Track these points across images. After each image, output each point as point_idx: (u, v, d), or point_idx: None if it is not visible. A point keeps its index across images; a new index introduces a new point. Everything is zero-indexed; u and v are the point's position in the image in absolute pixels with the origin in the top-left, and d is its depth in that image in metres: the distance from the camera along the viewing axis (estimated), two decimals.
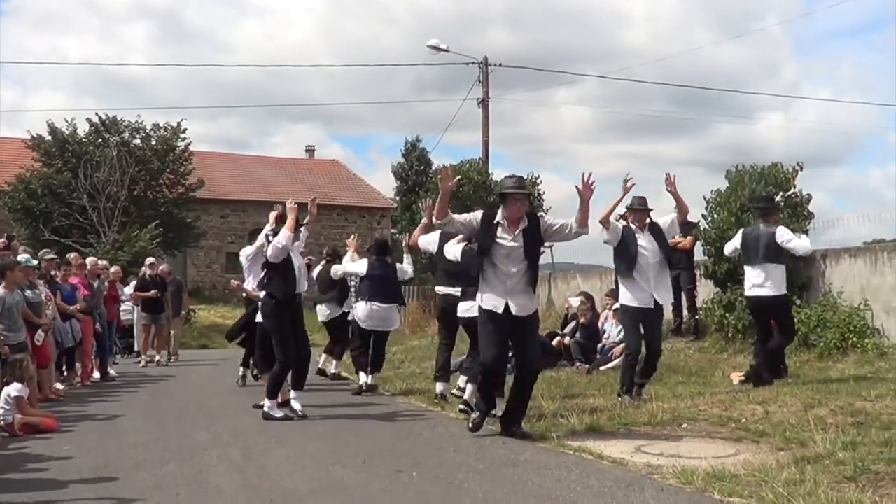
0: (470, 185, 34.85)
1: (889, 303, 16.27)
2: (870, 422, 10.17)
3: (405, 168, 70.71)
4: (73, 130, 47.12)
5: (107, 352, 21.01)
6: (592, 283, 23.91)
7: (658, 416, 11.45)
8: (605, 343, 17.44)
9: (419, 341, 25.39)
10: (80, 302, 18.35)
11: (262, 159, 68.53)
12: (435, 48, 40.49)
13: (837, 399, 11.60)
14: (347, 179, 66.79)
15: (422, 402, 14.65)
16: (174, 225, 47.46)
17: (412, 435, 11.44)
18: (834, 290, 17.13)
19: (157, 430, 12.42)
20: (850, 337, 16.03)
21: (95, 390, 18.14)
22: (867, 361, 15.19)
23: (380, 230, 63.18)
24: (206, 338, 40.92)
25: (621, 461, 9.02)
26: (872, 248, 17.29)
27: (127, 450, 10.71)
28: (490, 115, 41.24)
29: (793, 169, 18.19)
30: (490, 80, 41.19)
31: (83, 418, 13.81)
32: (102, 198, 41.89)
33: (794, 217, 17.52)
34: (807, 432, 9.63)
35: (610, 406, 12.48)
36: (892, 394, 11.68)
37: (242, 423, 12.74)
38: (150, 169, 47.40)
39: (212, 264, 58.10)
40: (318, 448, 10.59)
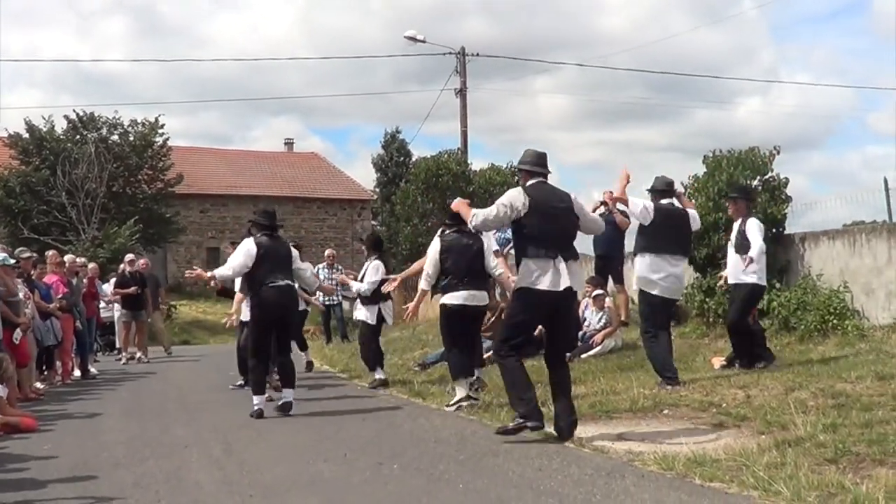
0: (449, 175, 34.84)
1: (868, 284, 16.31)
2: (850, 403, 10.18)
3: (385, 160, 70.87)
4: (51, 128, 47.08)
5: (87, 349, 20.97)
6: None
7: (639, 402, 11.45)
8: (586, 331, 17.39)
9: (400, 333, 25.30)
10: (58, 300, 18.27)
11: (242, 153, 68.49)
12: (412, 39, 40.50)
13: (818, 381, 11.62)
14: (327, 172, 66.78)
15: (403, 395, 14.63)
16: (154, 221, 47.43)
17: (393, 427, 11.41)
18: (813, 272, 17.16)
19: (137, 427, 12.38)
20: (830, 319, 16.06)
21: (76, 388, 18.10)
22: (848, 343, 15.21)
23: (360, 222, 63.18)
24: (187, 333, 40.90)
25: (602, 448, 9.00)
26: (851, 231, 17.32)
27: (107, 448, 10.67)
28: (468, 104, 41.25)
29: (770, 153, 18.18)
30: (467, 69, 41.18)
31: (63, 417, 13.77)
32: (81, 195, 41.84)
33: (772, 201, 17.53)
34: (787, 415, 9.64)
35: (591, 393, 12.47)
36: (873, 375, 11.69)
37: (223, 419, 12.72)
38: (128, 165, 47.37)
39: (192, 260, 57.85)
40: (299, 442, 10.56)
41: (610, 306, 17.68)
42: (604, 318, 17.33)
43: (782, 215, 17.81)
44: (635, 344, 17.32)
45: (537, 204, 9.82)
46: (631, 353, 16.61)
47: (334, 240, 58.99)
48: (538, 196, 9.91)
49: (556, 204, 10.04)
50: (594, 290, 17.73)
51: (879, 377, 11.59)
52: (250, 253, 12.80)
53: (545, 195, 10.04)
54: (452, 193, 31.15)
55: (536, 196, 9.90)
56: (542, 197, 9.94)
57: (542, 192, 10.09)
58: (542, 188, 10.12)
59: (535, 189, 10.02)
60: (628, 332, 18.29)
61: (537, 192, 9.99)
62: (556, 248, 9.82)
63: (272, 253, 12.99)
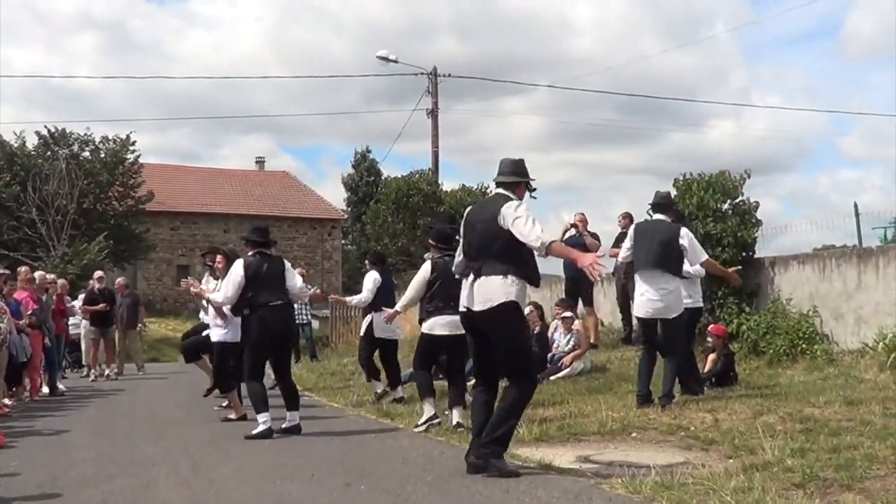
0: (419, 195, 34.86)
1: (838, 309, 16.39)
2: (818, 428, 10.23)
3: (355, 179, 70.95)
4: (22, 143, 46.97)
5: (55, 366, 20.87)
6: (543, 293, 23.88)
7: (608, 424, 11.46)
8: (555, 353, 17.41)
9: None
10: (28, 316, 18.20)
11: (213, 171, 68.49)
12: (384, 59, 40.52)
13: (786, 406, 11.69)
14: (298, 191, 66.83)
15: (371, 415, 14.62)
16: (124, 238, 47.39)
17: (361, 447, 11.40)
18: (783, 296, 17.24)
19: (105, 444, 12.34)
20: (799, 343, 16.13)
21: (44, 405, 18.01)
22: (816, 368, 15.30)
23: (331, 241, 63.24)
24: (156, 351, 40.87)
25: (570, 471, 9.00)
26: (820, 255, 17.41)
27: (75, 465, 10.62)
28: (439, 125, 41.23)
29: (741, 176, 18.26)
30: (439, 90, 41.21)
31: (31, 434, 13.69)
32: (52, 211, 41.79)
33: (742, 224, 17.60)
34: (756, 439, 9.67)
35: (560, 416, 12.47)
36: (841, 400, 11.76)
37: (191, 437, 12.69)
38: (99, 182, 47.34)
39: (162, 277, 57.95)
40: (267, 461, 10.53)
41: (579, 329, 17.69)
42: (572, 340, 17.35)
43: (752, 239, 17.90)
44: (604, 366, 17.41)
45: (465, 220, 9.66)
46: (600, 375, 16.66)
47: (304, 258, 59.01)
48: (470, 211, 9.77)
49: (476, 216, 9.58)
50: (563, 312, 17.76)
51: (848, 402, 11.66)
52: (238, 281, 12.74)
53: (473, 209, 9.84)
54: (423, 213, 31.25)
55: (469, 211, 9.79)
56: (470, 212, 9.75)
57: (475, 206, 10.08)
58: (479, 202, 10.12)
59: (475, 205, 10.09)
60: (597, 354, 18.35)
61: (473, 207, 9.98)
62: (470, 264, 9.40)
63: (262, 273, 12.84)
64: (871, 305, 15.94)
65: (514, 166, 9.77)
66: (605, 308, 21.63)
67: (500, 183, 9.66)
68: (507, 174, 9.69)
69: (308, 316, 26.32)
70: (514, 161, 9.83)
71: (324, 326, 38.12)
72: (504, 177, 9.67)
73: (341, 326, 35.43)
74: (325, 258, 63.29)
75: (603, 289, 21.73)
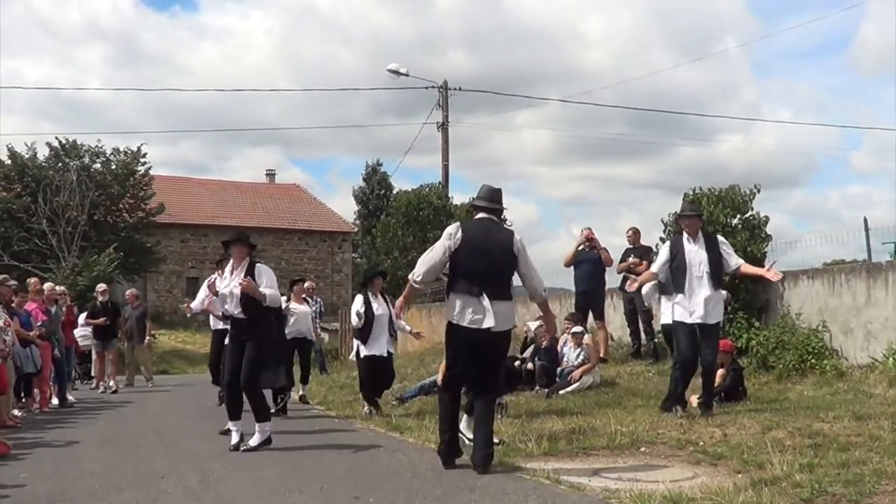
0: (430, 209, 34.87)
1: (847, 324, 16.37)
2: (827, 443, 10.20)
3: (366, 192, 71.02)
4: (33, 155, 47.03)
5: (65, 378, 20.90)
6: (553, 307, 23.75)
7: (616, 439, 11.43)
8: (565, 367, 17.40)
9: None
10: (38, 327, 18.22)
11: (224, 184, 68.43)
12: (395, 72, 40.49)
13: (795, 421, 11.64)
14: (308, 204, 66.76)
15: (380, 428, 14.59)
16: (134, 250, 47.37)
17: (370, 461, 11.37)
18: (792, 311, 17.23)
19: (114, 457, 12.33)
20: (808, 358, 16.13)
21: (54, 417, 18.02)
22: (826, 383, 15.27)
23: (341, 254, 63.21)
24: (166, 363, 40.89)
25: (579, 486, 8.98)
26: (830, 270, 17.39)
27: (83, 477, 10.62)
28: (450, 138, 41.16)
29: (750, 191, 18.25)
30: (450, 103, 41.15)
31: (41, 445, 13.70)
32: (62, 222, 41.79)
33: (751, 239, 17.59)
34: (764, 454, 9.65)
35: (569, 429, 12.45)
36: (850, 415, 11.74)
37: (200, 450, 12.67)
38: (109, 193, 47.34)
39: (172, 289, 57.95)
40: (276, 474, 10.53)
41: (588, 343, 17.68)
42: (582, 355, 17.34)
43: (762, 254, 17.88)
44: (613, 381, 17.38)
45: (468, 239, 9.89)
46: (609, 389, 16.64)
47: (314, 271, 59.02)
48: (471, 231, 10.00)
49: (489, 241, 10.03)
50: (573, 327, 17.76)
51: (857, 417, 11.63)
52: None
53: (480, 231, 10.10)
54: (433, 227, 31.24)
55: (469, 231, 9.99)
56: (474, 233, 10.01)
57: (479, 228, 10.18)
58: (481, 224, 10.23)
59: (472, 224, 10.16)
60: (606, 368, 18.33)
61: (473, 227, 10.10)
62: (481, 285, 9.86)
63: None
64: (880, 321, 15.92)
65: (499, 195, 10.41)
66: (615, 322, 21.60)
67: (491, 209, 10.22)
68: (498, 202, 10.35)
69: (318, 329, 26.27)
70: (498, 189, 10.44)
71: (333, 339, 38.10)
72: (496, 204, 10.29)
73: (351, 339, 35.35)
74: (335, 271, 63.25)
75: (612, 303, 21.72)
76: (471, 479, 9.41)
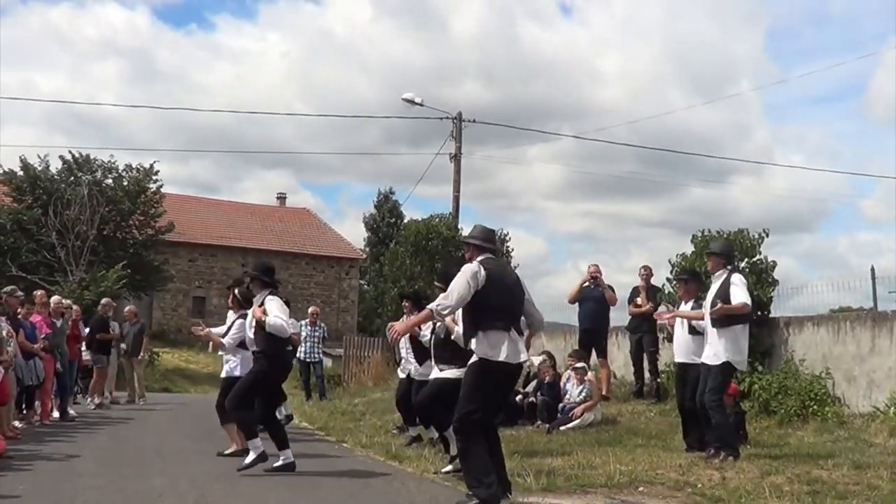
0: (439, 239, 34.88)
1: (850, 371, 16.35)
2: (825, 491, 10.22)
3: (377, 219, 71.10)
4: (46, 167, 47.15)
5: (67, 391, 20.90)
6: (557, 342, 23.89)
7: (615, 477, 11.43)
8: (567, 403, 17.40)
9: (381, 394, 25.33)
10: (42, 340, 18.24)
11: (235, 205, 68.56)
12: (410, 101, 40.50)
13: (795, 467, 11.66)
14: (317, 229, 66.87)
15: (380, 456, 14.60)
16: (142, 267, 47.40)
17: (368, 489, 11.40)
18: (796, 357, 17.19)
19: (112, 473, 12.34)
20: (810, 405, 16.09)
21: (54, 430, 18.03)
22: (827, 430, 15.22)
23: (348, 280, 63.24)
24: (168, 381, 40.89)
25: None
26: (835, 317, 17.39)
27: (81, 492, 10.64)
28: (462, 169, 41.19)
29: (759, 235, 18.26)
30: (463, 134, 41.14)
31: (40, 458, 13.69)
32: (71, 236, 41.83)
33: (758, 283, 17.58)
34: (762, 499, 9.68)
35: (568, 466, 12.45)
36: (850, 463, 11.75)
37: (199, 469, 12.68)
38: (120, 209, 47.42)
39: (178, 308, 58.01)
40: (273, 498, 10.54)
41: (591, 379, 17.68)
42: (584, 392, 17.33)
43: (768, 298, 17.88)
44: (615, 419, 17.36)
45: (493, 277, 9.95)
46: (610, 427, 16.63)
47: (321, 296, 59.11)
48: (493, 270, 10.07)
49: (509, 278, 10.27)
50: (576, 363, 17.76)
51: (856, 466, 11.65)
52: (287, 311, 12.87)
53: (499, 269, 10.27)
54: (441, 257, 31.24)
55: (492, 269, 10.04)
56: (496, 271, 10.11)
57: (497, 266, 10.30)
58: (496, 263, 10.36)
59: (488, 263, 10.15)
60: (608, 406, 18.31)
61: (491, 265, 10.13)
62: (511, 321, 9.97)
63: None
64: (883, 370, 15.89)
65: (494, 235, 10.87)
66: (619, 360, 21.59)
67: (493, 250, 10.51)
68: (495, 243, 10.78)
69: (319, 354, 26.28)
70: (493, 230, 10.81)
71: (336, 365, 38.12)
72: (493, 245, 10.59)
73: (354, 366, 35.44)
74: (342, 297, 63.29)
75: (616, 341, 21.72)
76: None
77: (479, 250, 10.30)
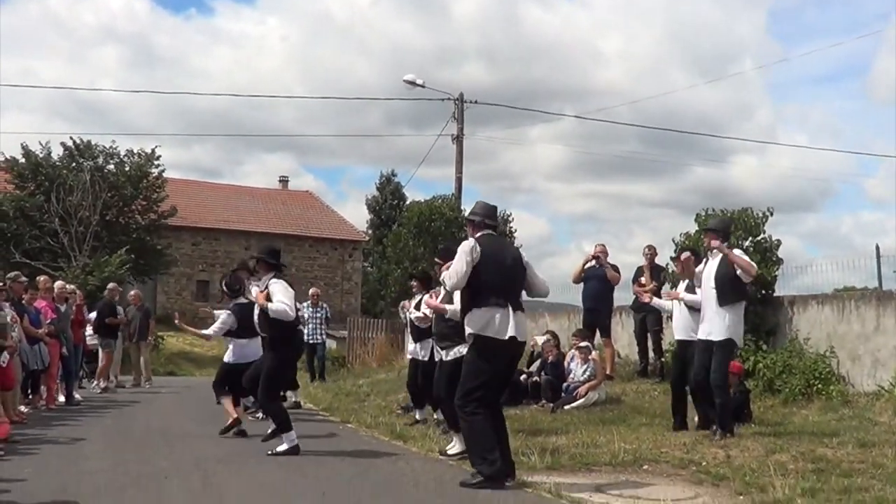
0: (441, 220, 34.86)
1: (855, 350, 16.34)
2: (830, 469, 10.21)
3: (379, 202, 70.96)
4: (48, 154, 47.06)
5: (72, 376, 20.90)
6: (561, 322, 23.91)
7: (620, 456, 11.44)
8: (571, 382, 17.39)
9: (385, 374, 25.35)
10: (47, 325, 18.25)
11: (236, 189, 68.44)
12: (411, 83, 40.43)
13: (799, 445, 11.64)
14: (320, 211, 66.73)
15: (384, 437, 14.62)
16: (145, 251, 47.32)
17: (373, 469, 11.40)
18: (801, 336, 17.17)
19: (118, 455, 12.36)
20: (815, 383, 16.07)
21: (59, 414, 18.03)
22: (831, 408, 15.21)
23: (351, 262, 63.15)
24: (173, 364, 40.88)
25: (580, 501, 8.99)
26: (840, 296, 17.37)
27: (87, 475, 10.66)
28: (464, 150, 41.15)
29: (763, 214, 18.21)
30: (465, 116, 41.10)
31: (46, 442, 13.72)
32: (74, 222, 41.77)
33: (762, 262, 17.54)
34: (767, 477, 9.66)
35: (572, 445, 12.45)
36: (854, 442, 11.74)
37: (204, 452, 12.68)
38: (122, 195, 47.32)
39: (182, 291, 57.98)
40: (278, 479, 10.55)
41: (595, 359, 17.66)
42: (588, 371, 17.32)
43: (772, 277, 17.85)
44: (619, 398, 17.35)
45: (487, 255, 9.99)
46: (614, 406, 16.62)
47: (324, 279, 59.10)
48: (488, 247, 10.10)
49: (505, 255, 10.32)
50: (580, 342, 17.76)
51: (861, 444, 11.63)
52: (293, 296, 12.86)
53: (494, 247, 10.28)
54: (444, 238, 31.18)
55: (486, 247, 10.08)
56: (491, 248, 10.14)
57: (493, 243, 10.33)
58: (491, 240, 10.35)
59: (484, 240, 10.18)
60: (612, 385, 18.30)
61: (487, 243, 10.17)
62: (505, 297, 9.97)
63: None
64: (888, 348, 15.88)
65: (496, 212, 10.74)
66: (623, 340, 21.59)
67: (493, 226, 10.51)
68: (496, 219, 10.71)
69: (323, 336, 26.26)
70: (494, 206, 10.73)
71: (340, 347, 38.12)
72: (495, 221, 10.60)
73: (358, 347, 35.44)
74: (345, 279, 63.19)
75: (621, 320, 21.72)
76: (472, 491, 9.42)
77: (479, 227, 10.34)
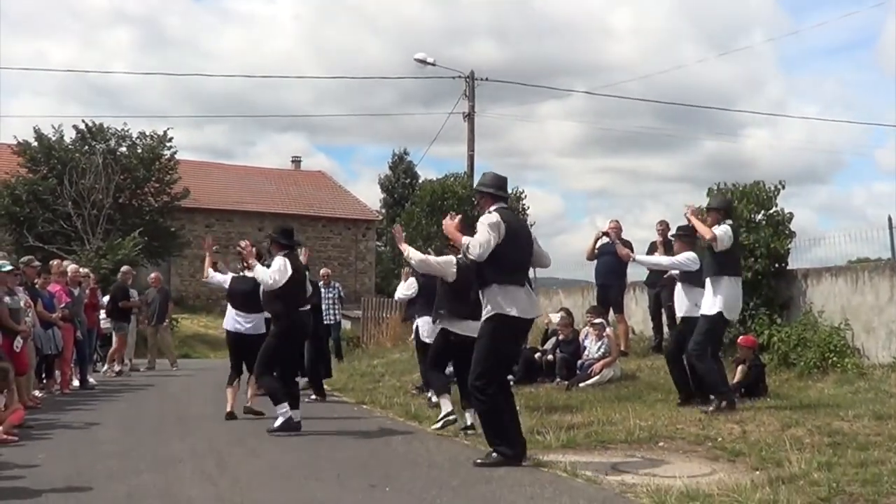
0: (454, 198, 34.78)
1: (869, 322, 16.27)
2: (846, 442, 10.17)
3: (392, 181, 70.95)
4: (60, 137, 47.01)
5: (86, 360, 20.94)
6: (575, 299, 23.89)
7: (635, 433, 11.42)
8: (585, 360, 17.37)
9: (400, 355, 25.32)
10: (60, 309, 18.25)
11: (249, 169, 68.32)
12: (422, 62, 40.38)
13: (815, 419, 11.60)
14: (333, 191, 66.57)
15: (399, 417, 14.61)
16: (158, 234, 47.27)
17: (387, 449, 11.40)
18: (815, 309, 17.11)
19: (132, 439, 12.38)
20: (830, 356, 16.02)
21: (74, 398, 18.06)
22: (847, 381, 15.17)
23: (365, 242, 63.11)
24: (188, 347, 40.94)
25: (595, 479, 8.96)
26: (853, 268, 17.29)
27: (101, 459, 10.66)
28: (475, 128, 41.11)
29: (775, 187, 18.14)
30: (476, 93, 41.06)
31: (60, 426, 13.74)
32: (87, 205, 41.74)
33: (775, 235, 17.48)
34: (783, 452, 9.62)
35: (587, 422, 12.44)
36: (870, 414, 11.68)
37: (218, 435, 12.71)
38: (135, 177, 47.24)
39: (195, 273, 57.79)
40: (293, 461, 10.54)
41: (609, 335, 17.64)
42: (603, 348, 17.29)
43: (785, 250, 17.77)
44: (634, 374, 17.33)
45: (511, 230, 9.83)
46: (629, 383, 16.60)
47: (338, 259, 59.03)
48: (512, 222, 10.00)
49: (523, 230, 10.29)
50: (594, 319, 17.72)
51: (877, 416, 11.58)
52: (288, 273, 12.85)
53: (515, 222, 10.23)
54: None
55: (510, 222, 9.95)
56: (514, 224, 10.05)
57: (513, 218, 10.25)
58: (511, 215, 10.30)
59: (507, 216, 10.04)
60: (627, 362, 18.28)
61: (510, 218, 10.07)
62: (524, 275, 10.01)
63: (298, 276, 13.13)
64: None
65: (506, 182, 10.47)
66: (637, 316, 21.56)
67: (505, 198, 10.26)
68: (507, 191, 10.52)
69: (338, 316, 26.16)
70: (505, 178, 10.46)
71: (355, 327, 38.12)
72: (506, 193, 10.41)
73: (373, 327, 35.44)
74: (359, 259, 63.10)
75: (634, 296, 21.68)
76: (488, 471, 9.41)
77: (493, 199, 10.15)
